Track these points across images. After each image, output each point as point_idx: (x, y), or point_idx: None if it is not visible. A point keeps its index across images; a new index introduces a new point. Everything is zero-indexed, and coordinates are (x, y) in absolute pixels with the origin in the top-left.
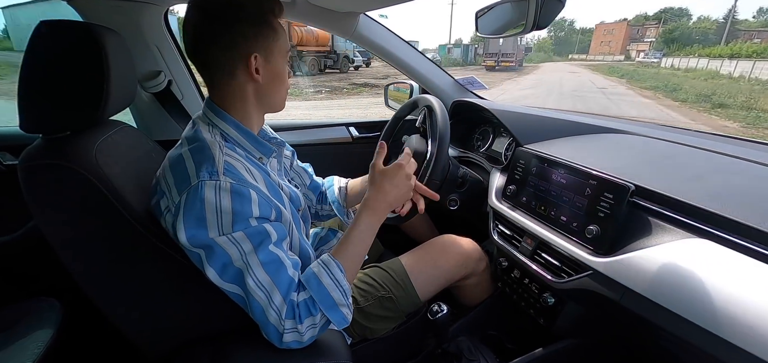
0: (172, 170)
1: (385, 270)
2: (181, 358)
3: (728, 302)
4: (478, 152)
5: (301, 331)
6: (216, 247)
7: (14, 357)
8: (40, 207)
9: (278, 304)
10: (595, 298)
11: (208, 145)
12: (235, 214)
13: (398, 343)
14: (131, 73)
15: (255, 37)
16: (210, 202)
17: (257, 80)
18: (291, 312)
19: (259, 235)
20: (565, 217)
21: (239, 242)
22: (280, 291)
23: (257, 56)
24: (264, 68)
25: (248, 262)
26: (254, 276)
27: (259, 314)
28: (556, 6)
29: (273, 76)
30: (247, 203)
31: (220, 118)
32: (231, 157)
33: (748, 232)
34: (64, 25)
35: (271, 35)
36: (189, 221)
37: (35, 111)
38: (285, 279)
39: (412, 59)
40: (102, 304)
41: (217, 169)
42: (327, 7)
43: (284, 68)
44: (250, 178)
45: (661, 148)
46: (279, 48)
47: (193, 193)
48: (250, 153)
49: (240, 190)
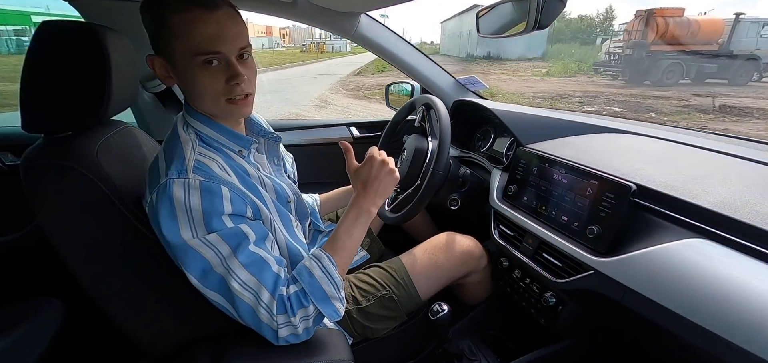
0: (150, 169)
1: (385, 269)
2: (181, 357)
3: (730, 302)
4: (479, 152)
5: (295, 324)
6: (190, 251)
7: (16, 356)
8: (42, 207)
9: (267, 302)
10: (596, 298)
11: (180, 143)
12: (206, 212)
13: (399, 343)
14: (133, 73)
15: (152, 37)
16: (179, 200)
17: (170, 83)
18: (282, 306)
19: (236, 236)
20: (566, 217)
21: (216, 245)
22: (267, 288)
23: (159, 59)
24: (173, 71)
25: (229, 266)
26: (238, 278)
27: (250, 316)
28: (558, 5)
29: (184, 80)
30: (217, 200)
31: (190, 115)
32: (203, 156)
33: (750, 232)
34: (66, 25)
35: (164, 34)
36: (163, 220)
37: (37, 111)
38: (270, 276)
39: (412, 59)
40: (103, 304)
41: (187, 167)
42: (328, 7)
43: (195, 74)
44: (223, 174)
45: (663, 147)
46: (178, 48)
47: (163, 191)
48: (226, 147)
49: (210, 187)
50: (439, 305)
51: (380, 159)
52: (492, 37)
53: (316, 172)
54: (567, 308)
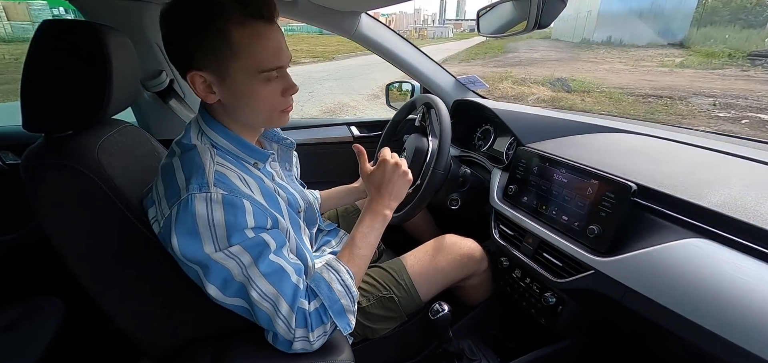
0: (163, 180)
1: (386, 270)
2: (182, 357)
3: (730, 302)
4: (479, 152)
5: (312, 340)
6: (213, 265)
7: (17, 355)
8: (43, 206)
9: (285, 314)
10: (596, 298)
11: (198, 154)
12: (229, 227)
13: (399, 343)
14: (134, 72)
15: (199, 51)
16: (202, 216)
17: (212, 100)
18: (303, 321)
19: (258, 246)
20: (566, 216)
21: (237, 256)
22: (285, 300)
23: (202, 75)
24: (219, 87)
25: (249, 275)
26: (257, 288)
27: (266, 323)
28: (558, 5)
29: (237, 96)
30: (240, 214)
31: (208, 125)
32: (222, 167)
33: (751, 232)
34: (66, 24)
35: (224, 51)
36: (182, 235)
37: (38, 110)
38: (290, 287)
39: (413, 59)
40: (104, 303)
41: (208, 180)
42: (329, 7)
43: (257, 88)
44: (243, 188)
45: (663, 147)
46: (240, 66)
47: (184, 207)
48: (242, 160)
49: (233, 201)
50: (439, 305)
51: (393, 162)
52: (493, 37)
53: (317, 172)
54: (567, 308)
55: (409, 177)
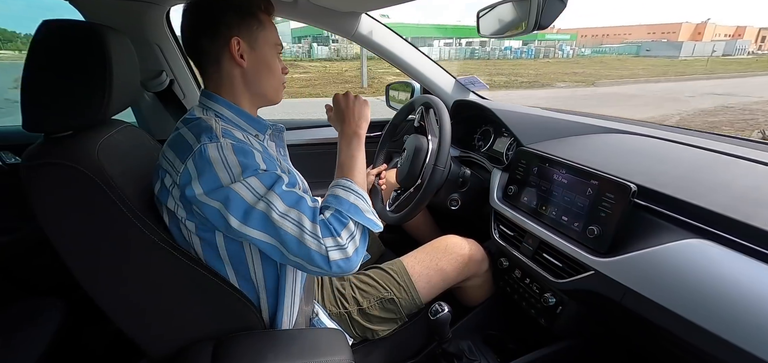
0: (173, 148)
1: (386, 271)
2: (182, 357)
3: (730, 303)
4: (479, 152)
5: (344, 244)
6: (231, 194)
7: (17, 356)
8: (42, 206)
9: (310, 229)
10: (596, 298)
11: (204, 120)
12: (243, 165)
13: (399, 344)
14: (134, 72)
15: (238, 25)
16: (216, 158)
17: (241, 65)
18: (326, 229)
19: (271, 177)
20: (566, 217)
21: (254, 187)
22: (307, 216)
23: (240, 41)
24: (249, 54)
25: (268, 200)
26: (277, 209)
27: (297, 247)
28: (558, 6)
29: (259, 64)
30: (251, 157)
31: (212, 101)
32: (228, 128)
33: (751, 233)
34: (66, 24)
35: (255, 25)
36: (202, 178)
37: (38, 110)
38: (307, 207)
39: (413, 60)
40: (104, 304)
41: (217, 134)
42: (329, 7)
43: (273, 60)
44: (248, 145)
45: (663, 148)
46: (265, 38)
47: (198, 155)
48: (245, 130)
49: (242, 147)
50: (439, 305)
51: (343, 95)
52: (492, 37)
53: (314, 172)
54: (567, 308)
55: (363, 98)
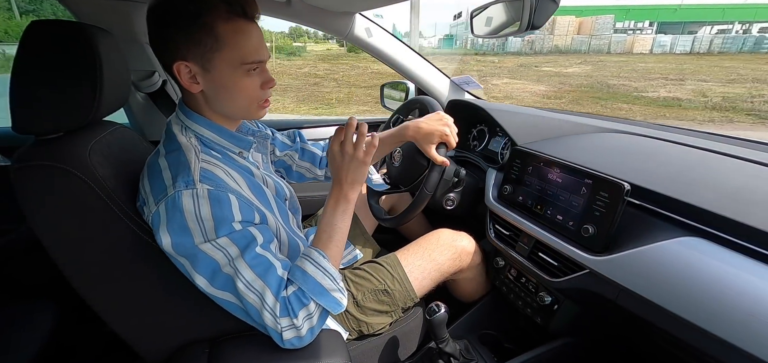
0: (150, 178)
1: (380, 264)
2: (177, 360)
3: (723, 300)
4: (474, 152)
5: (298, 326)
6: (200, 255)
7: (8, 359)
8: (33, 208)
9: (271, 305)
10: (591, 297)
11: (183, 151)
12: (217, 220)
13: (396, 342)
14: (125, 73)
15: (186, 44)
16: (189, 211)
17: (195, 90)
18: (285, 309)
19: (245, 238)
20: (561, 216)
21: (225, 247)
22: (271, 290)
23: (188, 65)
24: (203, 77)
25: (236, 266)
26: (243, 278)
27: (257, 316)
28: (551, 6)
29: (217, 88)
30: (226, 208)
31: (189, 118)
32: (208, 163)
33: (744, 231)
34: (56, 24)
35: (209, 43)
36: (172, 230)
37: (28, 111)
38: (275, 279)
39: (407, 60)
40: (97, 306)
41: (194, 177)
42: (322, 7)
43: (237, 81)
44: (230, 182)
45: (657, 147)
46: (225, 57)
47: (171, 203)
48: (227, 150)
49: (218, 196)
50: (436, 305)
51: (339, 147)
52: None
53: None
54: (563, 307)
55: (360, 156)
